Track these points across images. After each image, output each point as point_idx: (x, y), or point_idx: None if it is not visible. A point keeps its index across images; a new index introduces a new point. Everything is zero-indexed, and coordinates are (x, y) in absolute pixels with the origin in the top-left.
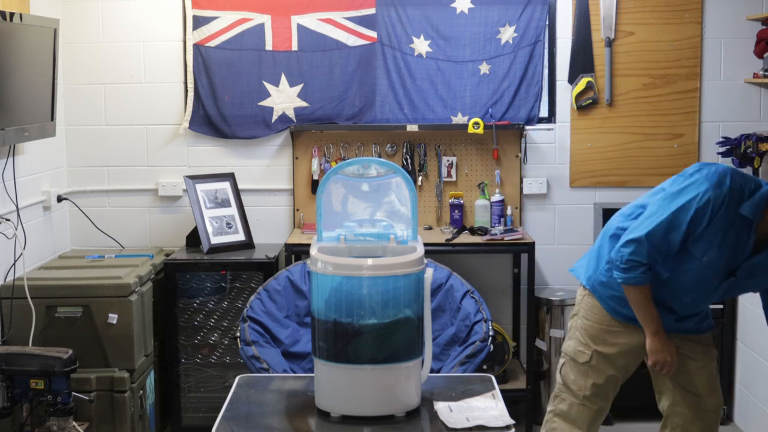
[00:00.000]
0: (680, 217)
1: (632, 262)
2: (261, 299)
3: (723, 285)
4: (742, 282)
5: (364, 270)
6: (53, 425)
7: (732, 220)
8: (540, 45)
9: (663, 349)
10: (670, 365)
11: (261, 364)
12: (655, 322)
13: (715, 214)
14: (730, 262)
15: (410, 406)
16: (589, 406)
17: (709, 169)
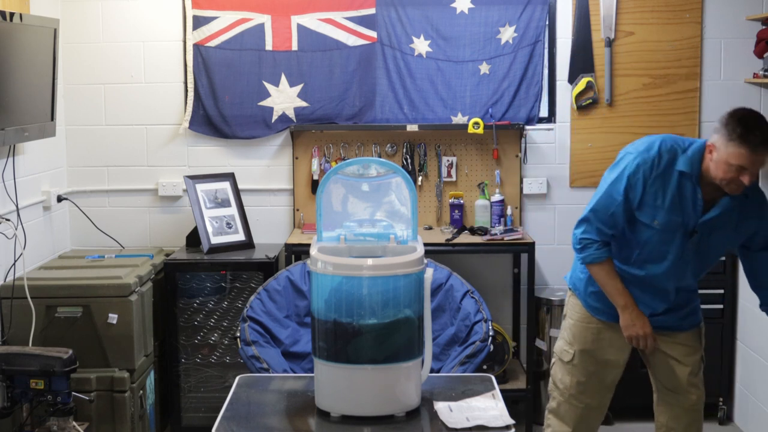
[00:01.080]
0: (616, 188)
1: (585, 240)
2: (261, 299)
3: (690, 246)
4: (707, 239)
5: (364, 270)
6: (53, 425)
7: (670, 180)
8: (540, 45)
9: (635, 323)
10: (645, 338)
11: (261, 364)
12: (623, 296)
13: (648, 177)
14: (686, 222)
15: (410, 406)
16: (575, 404)
17: (641, 140)
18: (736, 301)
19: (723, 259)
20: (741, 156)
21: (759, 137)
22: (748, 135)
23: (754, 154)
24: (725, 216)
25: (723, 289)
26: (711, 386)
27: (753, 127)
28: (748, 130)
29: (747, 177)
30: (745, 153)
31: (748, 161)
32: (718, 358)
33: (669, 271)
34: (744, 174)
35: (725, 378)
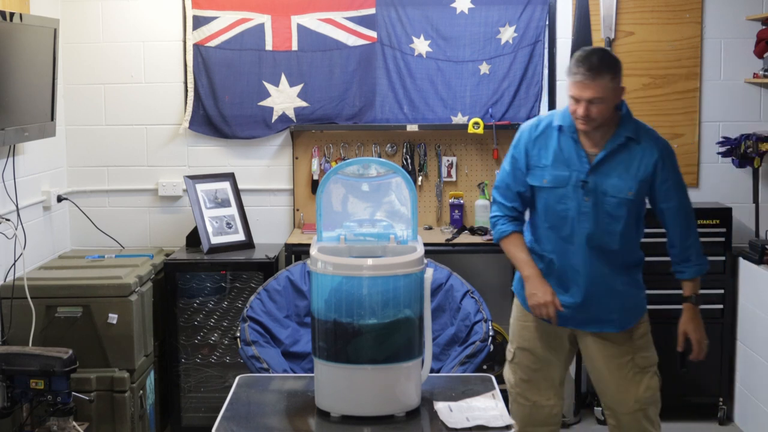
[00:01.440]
0: (506, 161)
1: (492, 219)
2: (261, 299)
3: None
4: (602, 189)
5: (364, 270)
6: (53, 425)
7: (551, 138)
8: (540, 45)
9: (536, 291)
10: (547, 306)
11: (261, 364)
12: (528, 266)
13: (528, 141)
14: (574, 174)
15: (410, 406)
16: (522, 402)
17: None
18: (736, 301)
19: (723, 259)
20: (572, 87)
21: (583, 67)
22: (575, 67)
23: (581, 83)
24: (613, 161)
25: (723, 289)
26: (711, 386)
27: (580, 59)
28: (576, 62)
29: (582, 107)
30: (573, 83)
31: (577, 91)
32: (718, 358)
33: (575, 233)
34: (580, 105)
35: (725, 378)
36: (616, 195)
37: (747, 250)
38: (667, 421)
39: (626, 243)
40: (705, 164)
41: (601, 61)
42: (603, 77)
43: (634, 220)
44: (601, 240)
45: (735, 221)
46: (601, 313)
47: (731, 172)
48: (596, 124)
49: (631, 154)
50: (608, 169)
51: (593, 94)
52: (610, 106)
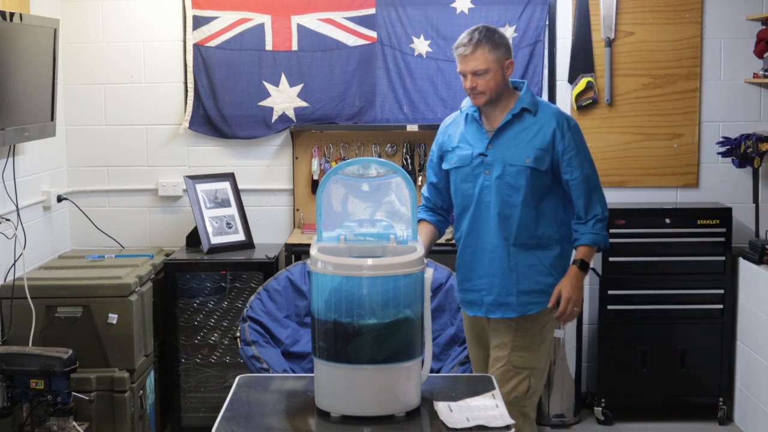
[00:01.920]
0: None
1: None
2: (261, 299)
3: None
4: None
5: (364, 270)
6: (53, 425)
7: (460, 123)
8: (540, 45)
9: None
10: None
11: (261, 364)
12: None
13: (442, 131)
14: (476, 150)
15: (410, 406)
16: None
17: None
18: (736, 301)
19: (723, 259)
20: (457, 62)
21: (464, 40)
22: (457, 42)
23: (462, 56)
24: (510, 132)
25: (723, 289)
26: (711, 386)
27: (462, 35)
28: (459, 39)
29: (468, 80)
30: (456, 58)
31: (460, 65)
32: (718, 358)
33: (481, 209)
34: (466, 78)
35: (725, 378)
36: (515, 163)
37: (747, 250)
38: (667, 421)
39: (529, 218)
40: (705, 164)
41: (480, 34)
42: (482, 48)
43: (537, 193)
44: (503, 213)
45: (735, 221)
46: (501, 295)
47: (731, 172)
48: (486, 97)
49: (528, 124)
50: (505, 140)
51: (475, 66)
52: (497, 79)
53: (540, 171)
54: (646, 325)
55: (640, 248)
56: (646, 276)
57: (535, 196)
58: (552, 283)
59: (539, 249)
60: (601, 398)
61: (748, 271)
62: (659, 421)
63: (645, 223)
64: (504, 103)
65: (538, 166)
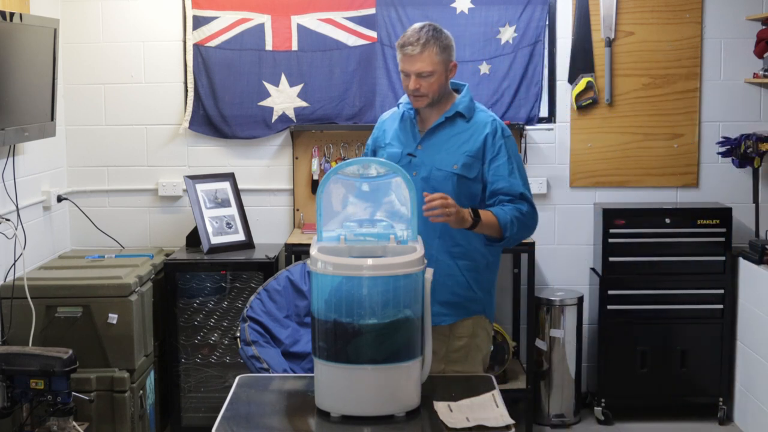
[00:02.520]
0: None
1: None
2: (261, 299)
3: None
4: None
5: (364, 270)
6: (53, 425)
7: (393, 121)
8: (540, 45)
9: None
10: None
11: (261, 364)
12: None
13: (378, 127)
14: (405, 150)
15: (410, 406)
16: None
17: None
18: (736, 301)
19: (723, 259)
20: (402, 61)
21: (411, 39)
22: (403, 40)
23: (409, 56)
24: (441, 135)
25: (723, 289)
26: (711, 386)
27: (408, 32)
28: (405, 36)
29: (412, 81)
30: (402, 57)
31: (406, 65)
32: (718, 358)
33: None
34: (410, 79)
35: (725, 378)
36: (442, 168)
37: (747, 250)
38: (667, 421)
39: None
40: (705, 164)
41: (428, 34)
42: (430, 49)
43: (465, 201)
44: (427, 218)
45: (735, 221)
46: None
47: (731, 172)
48: (428, 100)
49: (461, 129)
50: (436, 142)
51: (421, 68)
52: (441, 82)
53: (468, 179)
54: (646, 325)
55: (640, 248)
56: (646, 276)
57: (463, 204)
58: (470, 298)
59: (463, 259)
60: (601, 398)
61: (748, 271)
62: (659, 421)
63: (645, 223)
64: (441, 105)
65: (465, 174)
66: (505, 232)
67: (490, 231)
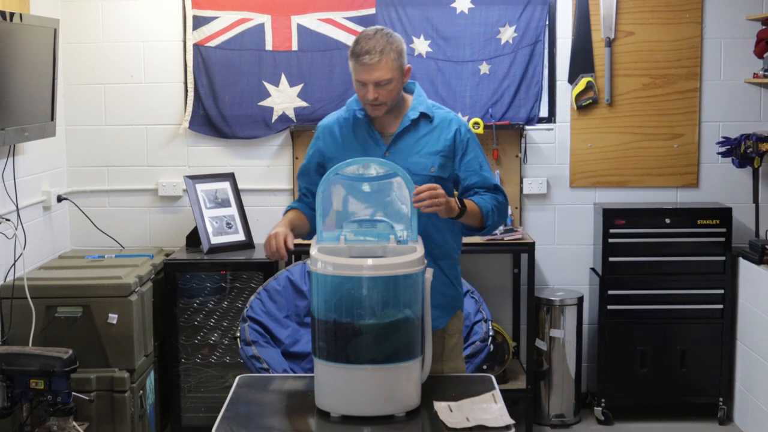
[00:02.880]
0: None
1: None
2: (261, 299)
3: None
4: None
5: (364, 270)
6: (53, 425)
7: (343, 128)
8: (540, 45)
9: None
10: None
11: (261, 364)
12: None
13: (322, 135)
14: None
15: (410, 406)
16: None
17: None
18: (736, 301)
19: (723, 259)
20: (358, 71)
21: (367, 48)
22: (358, 48)
23: (367, 66)
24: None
25: (723, 289)
26: (711, 386)
27: (362, 40)
28: (359, 44)
29: (371, 91)
30: (358, 67)
31: (363, 74)
32: (718, 358)
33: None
34: (368, 88)
35: (725, 378)
36: (419, 173)
37: (747, 250)
38: (667, 421)
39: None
40: (705, 164)
41: (384, 40)
42: (387, 56)
43: None
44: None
45: (735, 221)
46: None
47: (731, 172)
48: (387, 107)
49: (427, 130)
50: (405, 146)
51: (380, 76)
52: (399, 87)
53: (444, 179)
54: (646, 325)
55: (640, 248)
56: (646, 276)
57: None
58: (454, 295)
59: (445, 259)
60: (601, 398)
61: (748, 271)
62: (659, 421)
63: (645, 223)
64: (397, 108)
65: (441, 174)
66: (487, 220)
67: (473, 220)
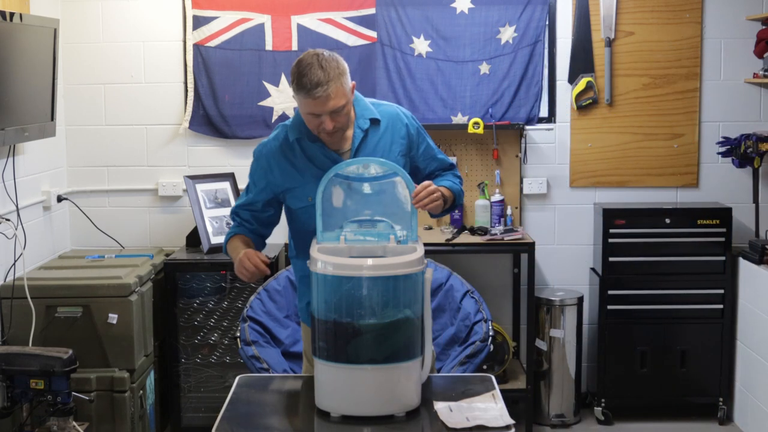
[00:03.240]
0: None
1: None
2: (261, 299)
3: None
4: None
5: (364, 270)
6: (53, 425)
7: (293, 154)
8: (540, 45)
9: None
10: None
11: (261, 364)
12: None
13: (267, 166)
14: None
15: (410, 406)
16: None
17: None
18: (736, 301)
19: (723, 259)
20: (308, 104)
21: (311, 79)
22: (302, 83)
23: (317, 98)
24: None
25: (723, 289)
26: (711, 386)
27: (306, 73)
28: (303, 78)
29: (328, 121)
30: (310, 101)
31: (317, 107)
32: (718, 358)
33: None
34: (324, 119)
35: (725, 378)
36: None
37: (747, 250)
38: (667, 421)
39: None
40: (705, 164)
41: (330, 66)
42: (336, 83)
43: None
44: None
45: (735, 221)
46: None
47: (731, 172)
48: (343, 132)
49: (378, 133)
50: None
51: (335, 105)
52: (350, 108)
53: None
54: (646, 325)
55: (640, 248)
56: (646, 276)
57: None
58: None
59: None
60: (601, 398)
61: (748, 271)
62: (659, 421)
63: (645, 223)
64: None
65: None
66: (459, 200)
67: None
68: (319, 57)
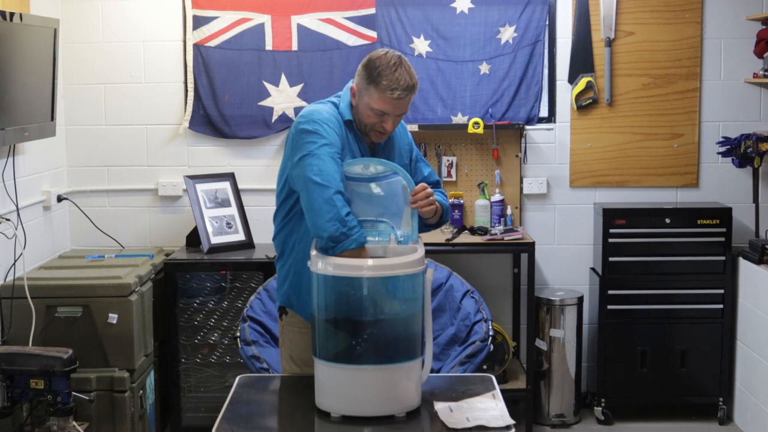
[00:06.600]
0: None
1: (349, 230)
2: (261, 299)
3: None
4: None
5: (364, 270)
6: (53, 425)
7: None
8: (540, 45)
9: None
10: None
11: (261, 364)
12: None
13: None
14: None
15: (410, 406)
16: None
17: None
18: (736, 301)
19: (723, 259)
20: (385, 102)
21: (400, 82)
22: (392, 82)
23: (397, 99)
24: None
25: (723, 289)
26: (711, 386)
27: (395, 72)
28: (392, 77)
29: (390, 122)
30: (389, 99)
31: (391, 107)
32: (718, 358)
33: None
34: (387, 119)
35: (725, 378)
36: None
37: (747, 250)
38: (667, 421)
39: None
40: (705, 164)
41: (408, 75)
42: (413, 94)
43: None
44: None
45: (735, 221)
46: None
47: (731, 172)
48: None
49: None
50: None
51: (403, 110)
52: None
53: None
54: (646, 325)
55: (640, 248)
56: (646, 276)
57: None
58: None
59: None
60: (601, 398)
61: (748, 271)
62: (659, 421)
63: (645, 223)
64: None
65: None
66: (446, 216)
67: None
68: (404, 61)
